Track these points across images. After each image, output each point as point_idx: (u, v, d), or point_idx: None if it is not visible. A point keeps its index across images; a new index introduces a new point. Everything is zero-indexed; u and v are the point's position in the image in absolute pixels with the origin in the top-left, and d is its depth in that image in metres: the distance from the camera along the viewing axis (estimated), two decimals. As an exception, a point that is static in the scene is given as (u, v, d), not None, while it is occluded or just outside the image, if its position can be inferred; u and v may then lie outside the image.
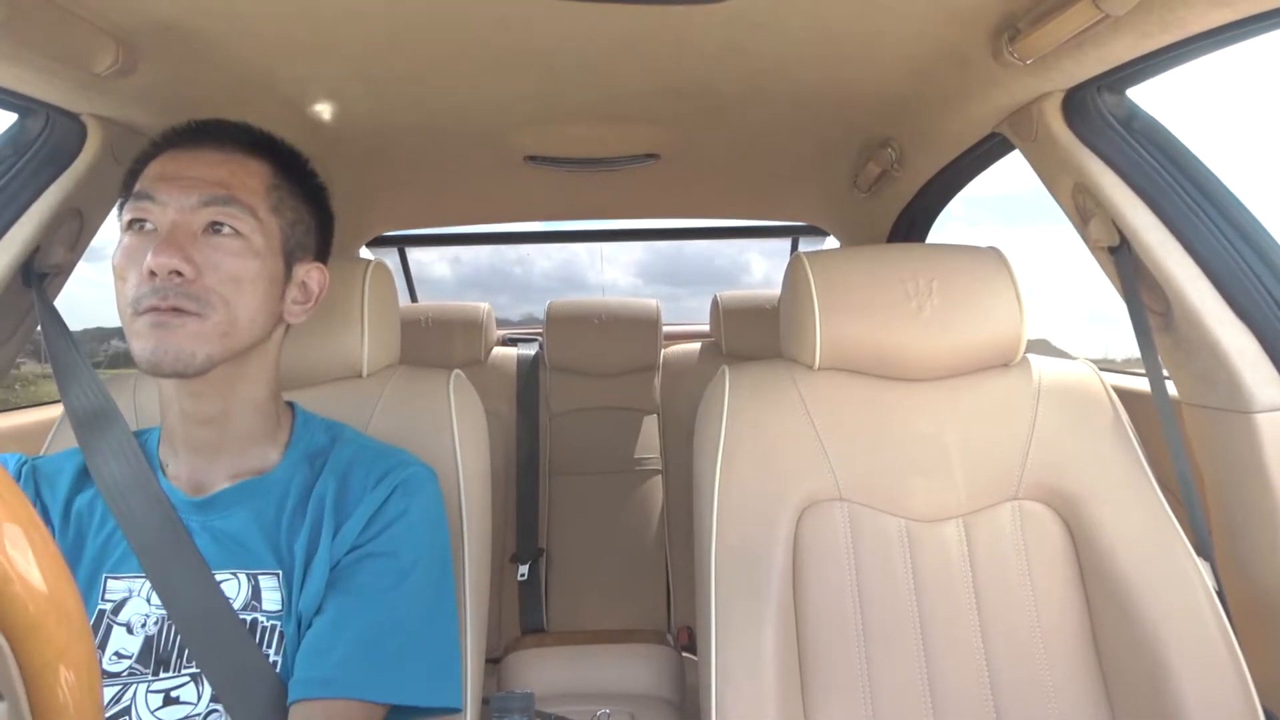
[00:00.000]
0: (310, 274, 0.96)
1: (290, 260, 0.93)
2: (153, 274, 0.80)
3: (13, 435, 1.50)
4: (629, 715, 1.44)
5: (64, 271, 1.19)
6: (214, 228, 0.85)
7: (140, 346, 0.81)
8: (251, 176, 0.90)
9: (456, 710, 0.88)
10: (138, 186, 0.87)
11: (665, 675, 1.63)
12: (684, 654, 1.76)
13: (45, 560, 0.41)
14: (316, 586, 0.85)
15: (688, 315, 2.37)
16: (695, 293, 2.29)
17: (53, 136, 1.15)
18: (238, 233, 0.86)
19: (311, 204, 0.98)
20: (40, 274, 1.14)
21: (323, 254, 1.00)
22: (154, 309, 0.80)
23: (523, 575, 2.03)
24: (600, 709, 1.39)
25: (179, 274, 0.81)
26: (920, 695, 1.03)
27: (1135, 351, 1.21)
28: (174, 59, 1.11)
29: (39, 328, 1.13)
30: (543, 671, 1.64)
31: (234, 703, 0.78)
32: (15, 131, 1.15)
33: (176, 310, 0.81)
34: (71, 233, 1.18)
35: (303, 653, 0.82)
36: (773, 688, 0.97)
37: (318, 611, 0.84)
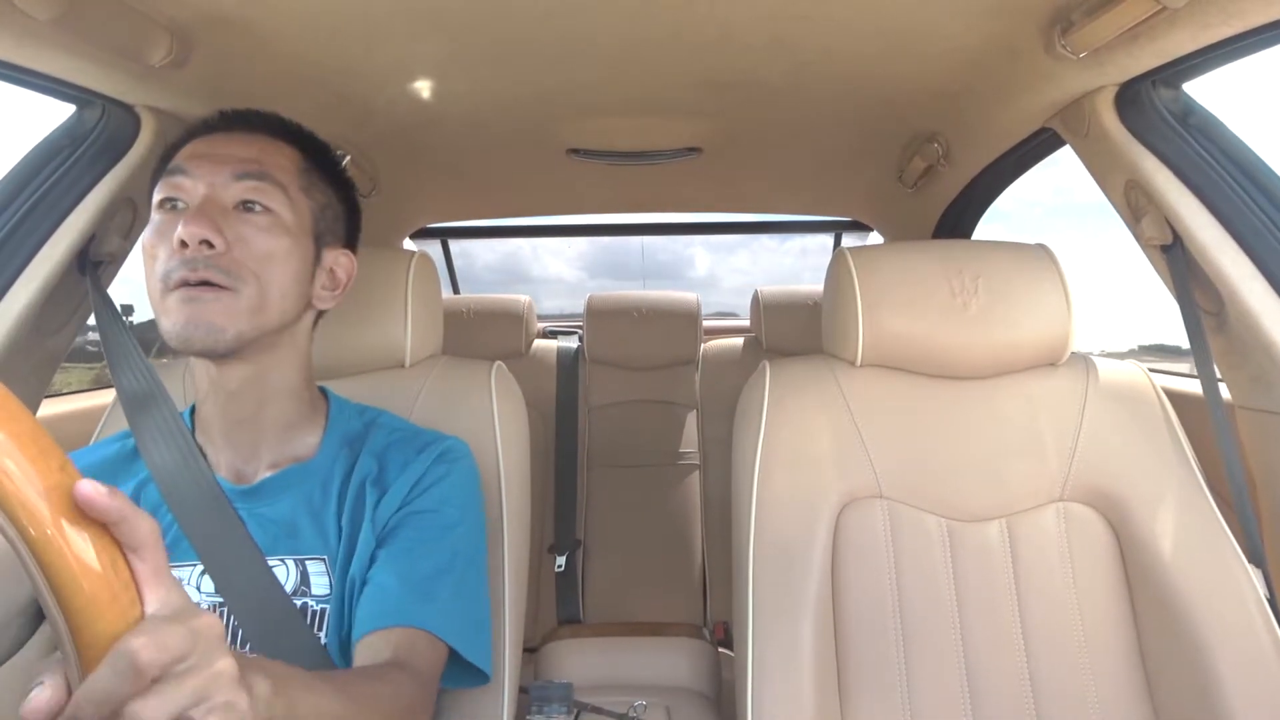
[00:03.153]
0: (339, 260, 0.97)
1: (320, 244, 0.94)
2: (183, 245, 0.80)
3: (67, 420, 1.54)
4: (665, 708, 1.44)
5: (117, 260, 1.22)
6: (246, 205, 0.86)
7: (170, 322, 0.81)
8: (283, 157, 0.91)
9: (488, 679, 0.89)
10: (170, 165, 0.88)
11: (701, 669, 1.63)
12: (720, 649, 1.76)
13: (99, 540, 0.42)
14: (362, 560, 0.86)
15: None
16: (640, 287, 2.28)
17: (108, 127, 1.18)
18: (269, 209, 0.87)
19: (341, 192, 0.99)
20: (95, 262, 1.17)
21: (351, 243, 1.01)
22: (184, 282, 0.81)
23: (560, 566, 2.04)
24: (636, 700, 1.39)
25: (209, 245, 0.81)
26: (959, 696, 1.02)
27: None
28: (225, 50, 1.13)
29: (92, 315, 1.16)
30: (579, 662, 1.65)
31: None
32: (72, 123, 1.18)
33: (206, 284, 0.81)
34: (125, 222, 1.21)
35: (361, 605, 0.83)
36: (809, 684, 0.97)
37: (368, 573, 0.86)
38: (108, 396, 1.16)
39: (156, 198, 0.87)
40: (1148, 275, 1.25)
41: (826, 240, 2.87)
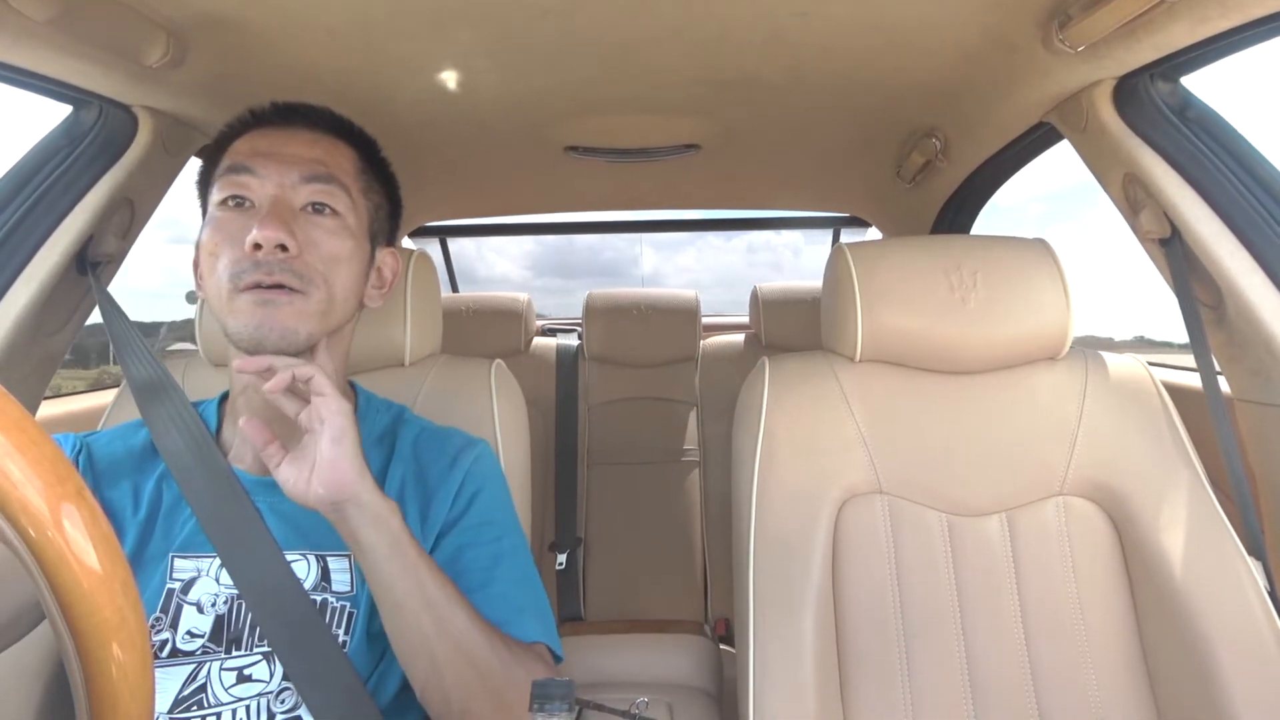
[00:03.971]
0: (386, 259, 0.99)
1: (374, 244, 0.96)
2: (256, 248, 0.81)
3: (66, 421, 1.54)
4: (667, 705, 1.44)
5: (116, 260, 1.22)
6: (314, 207, 0.87)
7: (242, 324, 0.82)
8: (344, 158, 0.92)
9: (561, 659, 0.91)
10: (230, 160, 0.88)
11: (703, 666, 1.63)
12: (721, 645, 1.76)
13: (99, 540, 0.42)
14: None
15: (579, 310, 2.35)
16: (587, 285, 2.27)
17: (106, 128, 1.18)
18: (335, 212, 0.88)
19: (389, 190, 1.01)
20: (94, 262, 1.17)
21: (393, 241, 1.03)
22: (257, 285, 0.81)
23: (561, 564, 2.04)
24: (638, 698, 1.39)
25: (283, 249, 0.82)
26: (961, 692, 1.02)
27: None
28: (222, 51, 1.13)
29: (93, 312, 1.16)
30: (580, 659, 1.65)
31: (303, 681, 0.79)
32: (69, 123, 1.18)
33: (280, 287, 0.82)
34: (123, 222, 1.21)
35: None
36: (811, 680, 0.97)
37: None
38: (107, 398, 1.16)
39: (218, 195, 0.87)
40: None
41: (772, 237, 2.86)
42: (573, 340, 2.41)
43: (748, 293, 2.45)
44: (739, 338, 2.40)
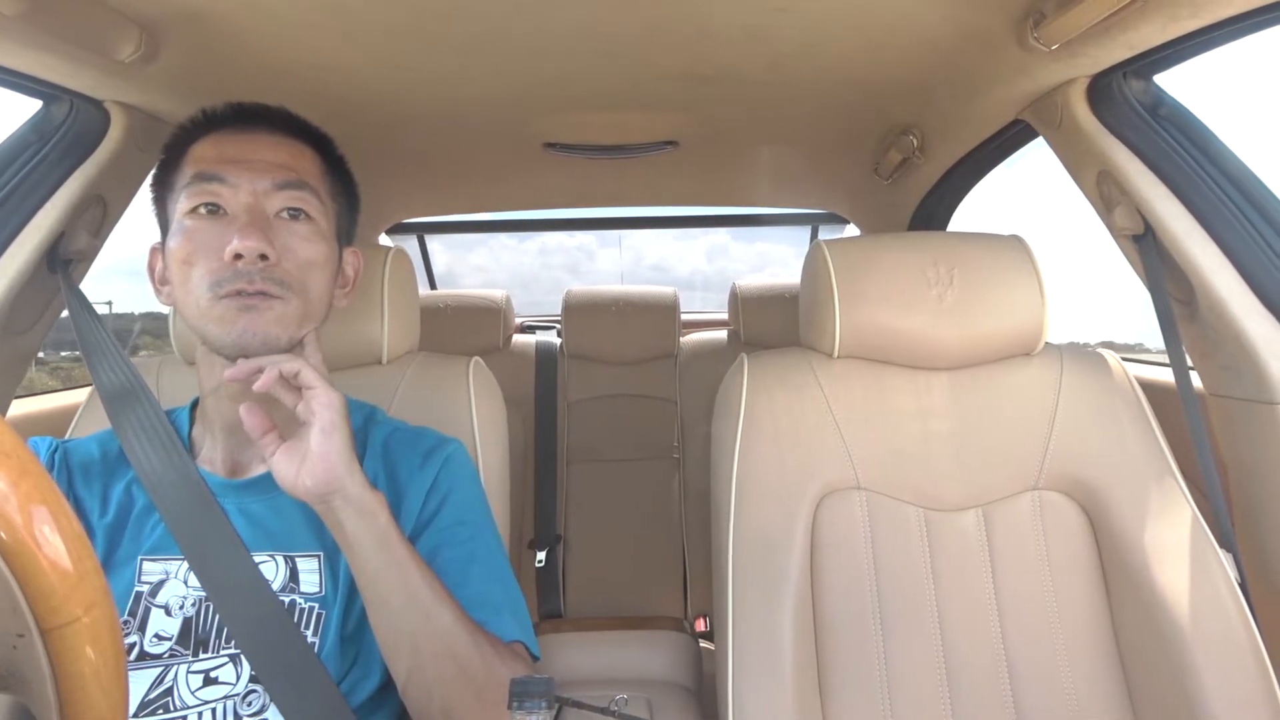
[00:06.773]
0: (348, 259, 0.99)
1: (341, 245, 0.95)
2: (237, 257, 0.81)
3: (38, 420, 1.52)
4: (646, 701, 1.44)
5: (88, 258, 1.21)
6: (289, 213, 0.87)
7: (224, 330, 0.82)
8: (309, 161, 0.92)
9: (538, 658, 0.91)
10: (197, 168, 0.87)
11: (682, 662, 1.64)
12: (701, 641, 1.76)
13: (69, 538, 0.42)
14: None
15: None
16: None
17: (76, 124, 1.16)
18: (310, 218, 0.88)
19: (351, 189, 1.00)
20: (65, 260, 1.15)
21: (353, 239, 1.02)
22: (240, 292, 0.81)
23: (540, 562, 2.04)
24: (617, 694, 1.40)
25: (263, 257, 0.82)
26: (938, 684, 1.03)
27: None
28: (195, 45, 1.12)
29: (63, 314, 1.14)
30: (560, 657, 1.65)
31: (272, 681, 0.79)
32: (39, 119, 1.16)
33: (262, 294, 0.82)
34: (95, 219, 1.20)
35: None
36: (790, 675, 0.98)
37: None
38: (80, 396, 1.14)
39: (187, 204, 0.86)
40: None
41: (565, 239, 2.91)
42: (552, 337, 2.40)
43: (542, 294, 2.47)
44: (719, 334, 2.40)
